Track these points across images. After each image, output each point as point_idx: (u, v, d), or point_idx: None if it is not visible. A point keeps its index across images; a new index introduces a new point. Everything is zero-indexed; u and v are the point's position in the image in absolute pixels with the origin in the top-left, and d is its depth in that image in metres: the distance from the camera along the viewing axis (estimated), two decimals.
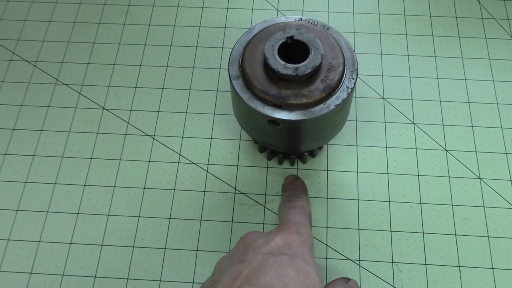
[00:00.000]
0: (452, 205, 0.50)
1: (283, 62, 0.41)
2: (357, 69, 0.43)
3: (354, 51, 0.44)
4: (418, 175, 0.52)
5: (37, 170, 0.53)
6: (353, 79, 0.43)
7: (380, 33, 0.60)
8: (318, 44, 0.42)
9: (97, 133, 0.55)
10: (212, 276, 0.37)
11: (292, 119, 0.41)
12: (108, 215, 0.50)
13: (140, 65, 0.59)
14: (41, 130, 0.55)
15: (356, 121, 0.55)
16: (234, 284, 0.32)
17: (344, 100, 0.41)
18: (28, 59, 0.60)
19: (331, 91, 0.41)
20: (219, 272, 0.36)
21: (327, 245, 0.49)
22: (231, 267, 0.35)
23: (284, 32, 0.43)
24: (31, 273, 0.48)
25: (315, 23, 0.46)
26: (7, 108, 0.57)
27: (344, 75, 0.42)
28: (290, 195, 0.45)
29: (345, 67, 0.43)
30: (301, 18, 0.46)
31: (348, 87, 0.42)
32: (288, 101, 0.41)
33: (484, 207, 0.50)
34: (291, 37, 0.42)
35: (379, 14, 0.62)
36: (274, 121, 0.41)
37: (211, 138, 0.54)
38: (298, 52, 0.43)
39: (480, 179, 0.51)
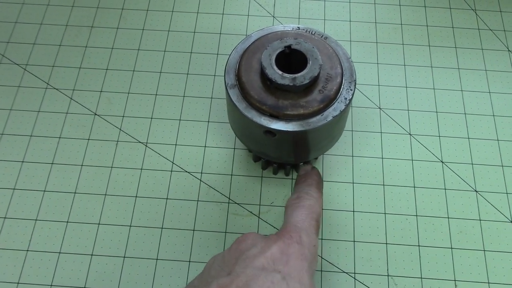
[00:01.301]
0: (448, 217, 0.50)
1: (280, 72, 0.40)
2: (355, 80, 0.42)
3: (352, 61, 0.43)
4: (414, 187, 0.51)
5: (26, 177, 0.52)
6: (351, 90, 0.42)
7: (376, 42, 0.60)
8: (316, 54, 0.41)
9: (88, 139, 0.54)
10: (201, 277, 0.35)
11: (289, 130, 0.40)
12: (99, 224, 0.49)
13: (133, 71, 0.58)
14: (31, 136, 0.54)
15: (352, 131, 0.54)
16: None
17: (342, 112, 0.41)
18: (18, 62, 0.59)
19: (329, 102, 0.41)
20: (206, 279, 0.34)
21: (321, 257, 0.48)
22: (218, 278, 0.32)
23: (281, 41, 0.42)
24: (18, 283, 0.47)
25: (313, 32, 0.45)
26: None
27: (342, 86, 0.42)
28: (300, 191, 0.40)
29: (343, 78, 0.42)
30: (298, 27, 0.45)
31: (346, 98, 0.41)
32: (285, 111, 0.40)
33: (480, 220, 0.50)
34: (289, 46, 0.42)
35: (375, 23, 0.61)
36: (271, 132, 0.40)
37: (205, 146, 0.53)
38: (295, 61, 0.42)
39: (476, 191, 0.51)
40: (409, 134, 0.54)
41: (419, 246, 0.48)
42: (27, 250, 0.48)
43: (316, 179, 0.42)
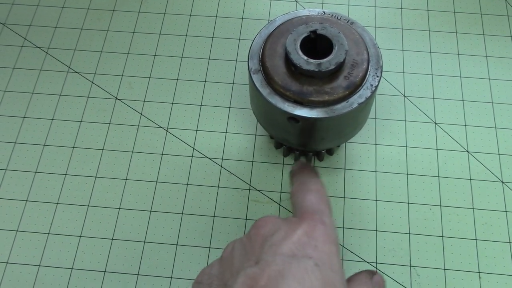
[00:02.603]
0: (473, 208, 0.49)
1: (305, 57, 0.39)
2: (382, 66, 0.41)
3: (378, 47, 0.42)
4: (439, 176, 0.50)
5: (47, 160, 0.52)
6: (377, 76, 0.41)
7: (402, 29, 0.59)
8: (342, 40, 0.40)
9: (109, 123, 0.54)
10: (221, 264, 0.33)
11: (313, 116, 0.39)
12: (119, 208, 0.49)
13: (155, 55, 0.58)
14: (52, 119, 0.54)
15: (375, 119, 0.53)
16: None
17: (367, 99, 0.40)
18: (40, 46, 0.59)
19: (354, 88, 0.40)
20: (230, 271, 0.31)
21: (343, 246, 0.47)
22: (245, 268, 0.30)
23: (307, 26, 0.41)
24: (39, 265, 0.47)
25: (339, 17, 0.44)
26: (17, 95, 0.55)
27: (368, 73, 0.41)
28: (303, 178, 0.39)
29: (369, 64, 0.41)
30: (324, 12, 0.44)
31: (372, 85, 0.40)
32: (310, 97, 0.39)
33: (506, 211, 0.48)
34: (314, 31, 0.41)
35: (401, 8, 0.60)
36: (294, 118, 0.40)
37: (226, 132, 0.53)
38: (321, 47, 0.41)
39: (503, 182, 0.50)
40: (434, 122, 0.53)
41: (442, 236, 0.47)
42: (48, 233, 0.48)
43: (313, 171, 0.41)
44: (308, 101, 0.39)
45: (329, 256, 0.30)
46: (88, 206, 0.49)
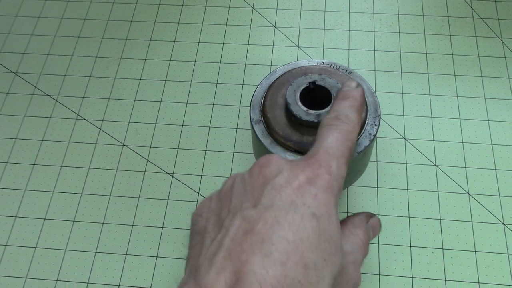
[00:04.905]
0: (475, 251, 0.49)
1: (305, 108, 0.40)
2: (380, 115, 0.43)
3: (376, 96, 0.44)
4: (440, 219, 0.51)
5: (56, 207, 0.53)
6: (375, 125, 0.42)
7: (401, 72, 0.60)
8: None
9: (117, 169, 0.55)
10: (219, 197, 0.32)
11: None
12: (126, 254, 0.50)
13: (161, 101, 0.59)
14: (61, 166, 0.55)
15: (376, 161, 0.54)
16: (245, 239, 0.27)
17: (366, 147, 0.41)
18: (50, 94, 0.61)
19: None
20: (227, 208, 0.30)
21: None
22: (242, 209, 0.29)
23: (306, 77, 0.42)
24: (57, 280, 0.48)
25: (337, 67, 0.45)
26: (28, 143, 0.57)
27: (367, 121, 0.42)
28: (340, 111, 0.35)
29: (367, 113, 0.42)
30: (323, 62, 0.46)
31: (370, 134, 0.41)
32: (310, 147, 0.40)
33: (508, 254, 0.49)
34: (313, 82, 0.42)
35: (400, 52, 0.62)
36: None
37: None
38: (320, 97, 0.42)
39: (504, 224, 0.50)
40: (435, 165, 0.54)
41: (445, 280, 0.48)
42: (57, 280, 0.49)
43: (360, 101, 0.36)
44: (308, 150, 0.40)
45: (327, 207, 0.29)
46: (96, 252, 0.50)
